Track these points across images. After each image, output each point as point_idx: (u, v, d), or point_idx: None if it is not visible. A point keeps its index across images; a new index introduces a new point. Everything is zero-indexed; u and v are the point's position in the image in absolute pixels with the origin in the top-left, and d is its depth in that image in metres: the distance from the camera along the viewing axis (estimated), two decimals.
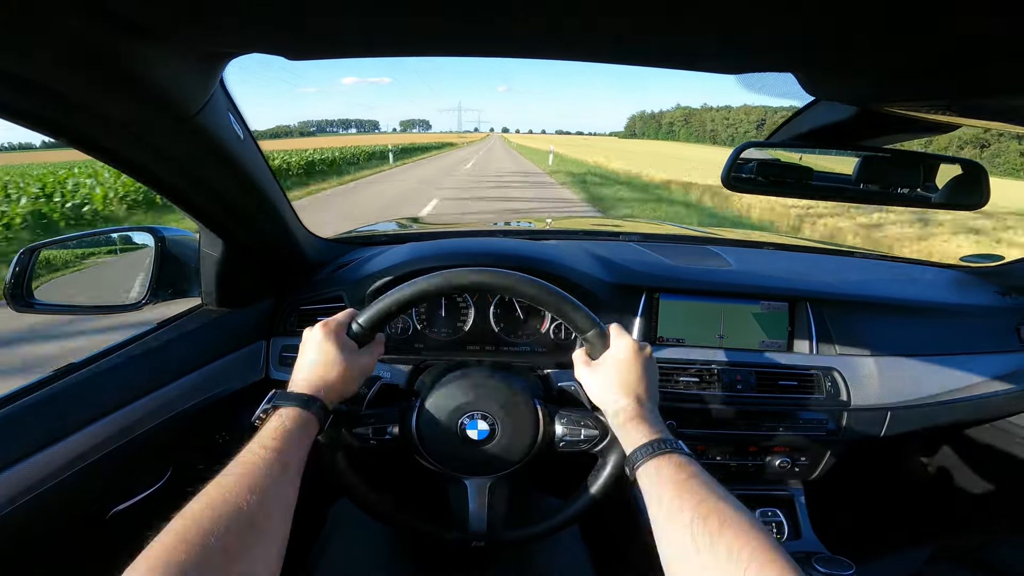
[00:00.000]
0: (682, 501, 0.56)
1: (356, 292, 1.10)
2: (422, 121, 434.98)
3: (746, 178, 0.95)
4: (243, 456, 0.57)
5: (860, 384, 1.11)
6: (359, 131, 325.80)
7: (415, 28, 0.49)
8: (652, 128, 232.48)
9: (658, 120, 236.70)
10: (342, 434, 0.76)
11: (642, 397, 0.71)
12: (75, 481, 0.72)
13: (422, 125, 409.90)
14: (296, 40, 0.53)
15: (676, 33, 0.49)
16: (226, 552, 0.47)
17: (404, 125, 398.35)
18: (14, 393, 0.72)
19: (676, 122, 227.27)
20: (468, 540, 0.80)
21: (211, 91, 0.63)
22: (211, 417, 1.00)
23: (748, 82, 0.65)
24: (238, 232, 0.93)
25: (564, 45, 0.55)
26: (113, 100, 0.56)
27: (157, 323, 0.96)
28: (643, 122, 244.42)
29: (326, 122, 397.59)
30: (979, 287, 1.36)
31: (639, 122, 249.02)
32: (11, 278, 0.88)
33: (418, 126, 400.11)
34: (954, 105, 0.62)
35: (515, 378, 0.82)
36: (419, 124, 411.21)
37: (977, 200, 0.89)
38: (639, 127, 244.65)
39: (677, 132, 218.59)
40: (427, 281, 0.76)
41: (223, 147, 0.73)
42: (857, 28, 0.44)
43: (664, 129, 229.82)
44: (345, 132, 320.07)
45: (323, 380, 0.69)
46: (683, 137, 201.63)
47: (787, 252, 1.53)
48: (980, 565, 0.96)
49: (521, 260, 1.09)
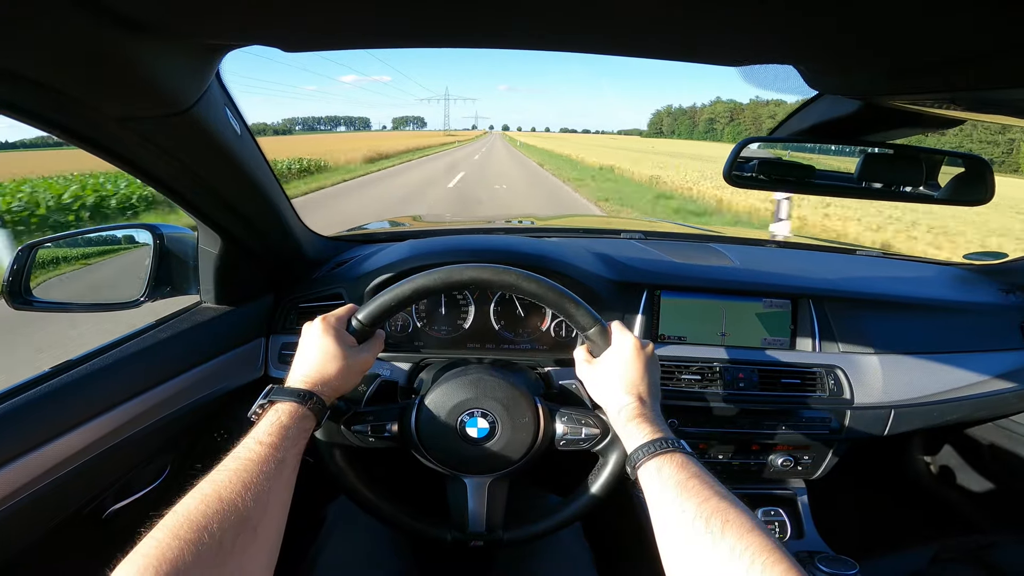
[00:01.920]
0: (684, 501, 0.55)
1: (355, 289, 1.09)
2: (416, 118, 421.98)
3: (748, 175, 0.94)
4: (238, 452, 0.57)
5: (863, 382, 1.11)
6: (349, 129, 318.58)
7: (414, 19, 0.48)
8: (685, 125, 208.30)
9: (693, 116, 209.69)
10: (340, 431, 0.76)
11: (644, 395, 0.71)
12: (72, 479, 0.72)
13: (416, 123, 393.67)
14: (292, 32, 0.53)
15: (677, 24, 0.49)
16: (219, 548, 0.46)
17: (397, 123, 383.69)
18: (11, 390, 0.71)
19: (719, 118, 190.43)
20: (467, 541, 0.80)
21: (206, 85, 0.63)
22: (209, 415, 1.00)
23: (750, 75, 0.64)
24: (236, 229, 0.93)
25: (564, 37, 0.54)
26: (106, 94, 0.55)
27: (155, 320, 0.96)
28: (672, 118, 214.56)
29: (313, 119, 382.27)
30: (982, 285, 1.35)
31: (667, 118, 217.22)
32: (9, 275, 0.87)
33: (412, 123, 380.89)
34: (959, 99, 0.61)
35: (515, 375, 0.82)
36: (413, 121, 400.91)
37: (981, 196, 0.88)
38: (667, 124, 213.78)
39: (720, 131, 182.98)
40: (427, 277, 0.75)
41: (219, 142, 0.72)
42: (860, 19, 0.44)
43: (702, 127, 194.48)
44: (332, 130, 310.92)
45: (321, 375, 0.69)
46: (728, 137, 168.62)
47: (789, 249, 1.52)
48: (983, 565, 0.96)
49: (522, 257, 1.08)
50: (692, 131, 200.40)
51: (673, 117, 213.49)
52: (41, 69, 0.49)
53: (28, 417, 0.69)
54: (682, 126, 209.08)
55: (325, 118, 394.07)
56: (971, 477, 1.46)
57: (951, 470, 1.51)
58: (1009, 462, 1.32)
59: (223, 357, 0.98)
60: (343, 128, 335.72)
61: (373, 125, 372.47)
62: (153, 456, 0.90)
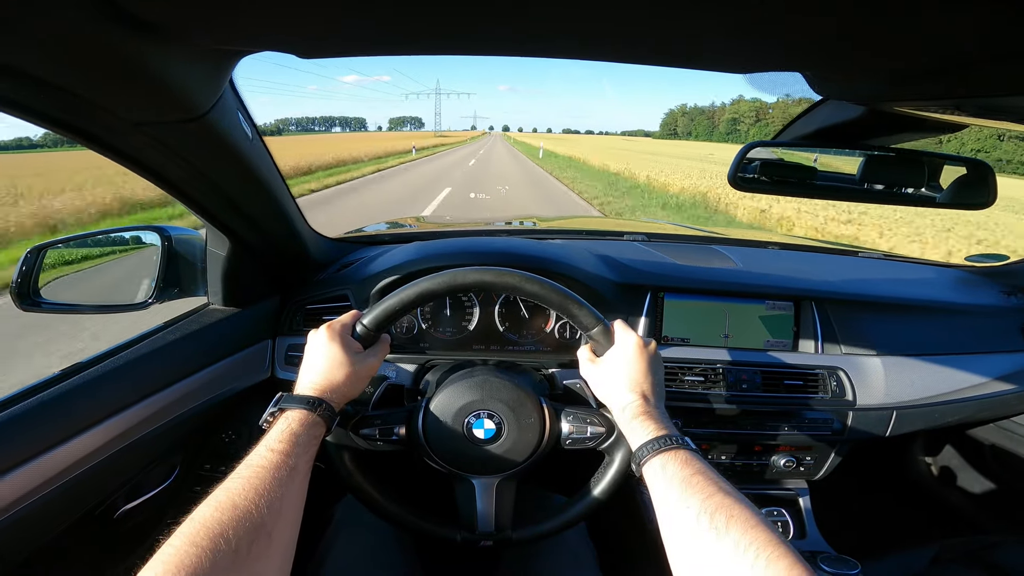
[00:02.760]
0: (688, 497, 0.56)
1: (361, 291, 1.10)
2: (413, 119, 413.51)
3: (751, 178, 0.95)
4: (250, 459, 0.58)
5: (865, 384, 1.11)
6: (345, 130, 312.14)
7: (430, 25, 0.49)
8: (703, 126, 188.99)
9: (711, 116, 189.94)
10: (349, 435, 0.76)
11: (648, 393, 0.71)
12: (83, 481, 0.73)
13: (414, 123, 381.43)
14: (307, 38, 0.53)
15: (683, 31, 0.49)
16: (235, 554, 0.47)
17: (394, 123, 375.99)
18: (22, 393, 0.72)
19: (743, 118, 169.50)
20: (476, 540, 0.80)
21: (221, 91, 0.63)
22: (217, 416, 1.00)
23: (756, 82, 0.64)
24: (245, 231, 0.93)
25: (570, 44, 0.55)
26: (122, 99, 0.56)
27: (163, 322, 0.96)
28: (688, 118, 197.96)
29: (307, 120, 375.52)
30: (984, 287, 1.35)
31: (681, 118, 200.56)
32: (18, 277, 0.88)
33: (409, 124, 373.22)
34: (964, 104, 0.62)
35: (521, 376, 0.82)
36: (411, 122, 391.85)
37: (984, 199, 0.89)
38: (681, 125, 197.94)
39: (744, 132, 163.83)
40: (430, 280, 0.76)
41: (232, 147, 0.73)
42: (866, 26, 0.44)
43: (723, 128, 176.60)
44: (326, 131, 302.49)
45: (329, 382, 0.70)
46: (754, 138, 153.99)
47: (792, 252, 1.52)
48: (985, 565, 0.96)
49: (526, 259, 1.09)
50: (712, 132, 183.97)
51: (689, 117, 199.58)
52: (59, 73, 0.50)
53: (41, 420, 0.69)
54: (700, 127, 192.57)
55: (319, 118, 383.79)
56: (973, 478, 1.46)
57: (952, 471, 1.51)
58: (1010, 463, 1.33)
59: (231, 359, 0.99)
60: (338, 129, 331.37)
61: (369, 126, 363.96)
62: (163, 457, 0.91)
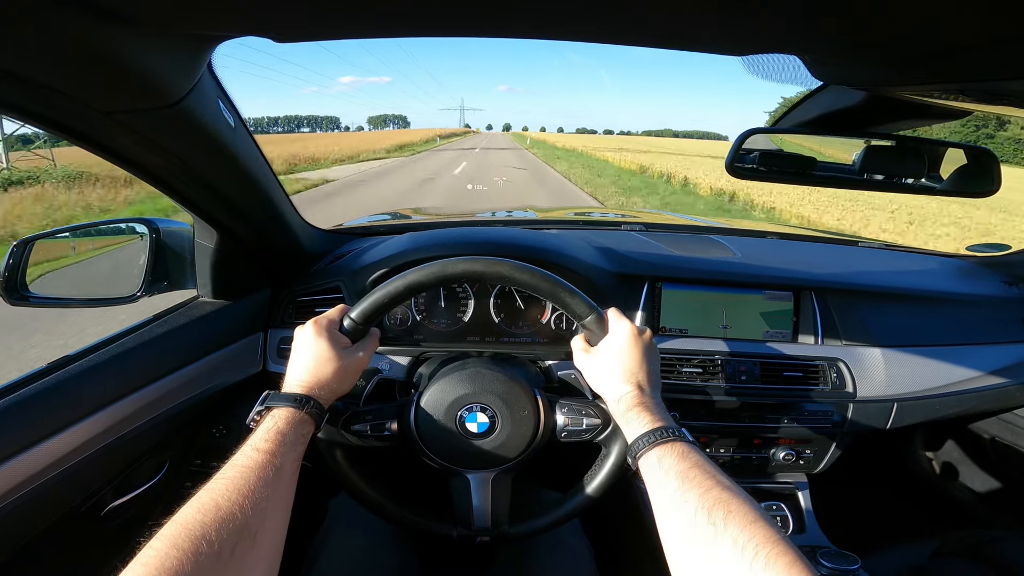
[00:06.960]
0: (686, 491, 0.54)
1: (354, 282, 1.08)
2: (397, 117, 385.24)
3: (749, 167, 0.93)
4: (235, 459, 0.56)
5: (866, 375, 1.10)
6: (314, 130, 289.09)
7: (408, 5, 0.47)
8: None
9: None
10: (340, 432, 0.75)
11: (643, 383, 0.70)
12: (70, 476, 0.72)
13: (397, 121, 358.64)
14: (283, 21, 0.51)
15: (678, 12, 0.48)
16: (218, 557, 0.46)
17: (374, 123, 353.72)
18: (6, 387, 0.71)
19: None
20: (473, 536, 0.79)
21: (196, 77, 0.61)
22: (208, 411, 0.99)
23: (753, 65, 0.63)
24: (232, 223, 0.91)
25: (562, 24, 0.53)
26: (92, 88, 0.54)
27: (152, 316, 0.95)
28: None
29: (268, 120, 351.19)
30: (985, 277, 1.34)
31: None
32: (5, 271, 0.87)
33: (392, 123, 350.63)
34: (967, 89, 0.60)
35: (515, 368, 0.81)
36: (394, 120, 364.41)
37: (988, 187, 0.87)
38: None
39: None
40: (419, 272, 0.74)
41: (212, 135, 0.71)
42: (864, 7, 0.43)
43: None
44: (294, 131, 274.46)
45: (317, 378, 0.68)
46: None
47: (791, 242, 1.51)
48: (986, 559, 0.95)
49: (522, 249, 1.07)
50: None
51: None
52: (25, 63, 0.48)
53: (25, 414, 0.68)
54: None
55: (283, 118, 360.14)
56: (974, 471, 1.45)
57: (953, 464, 1.50)
58: (1012, 456, 1.32)
59: (221, 352, 0.97)
60: (306, 129, 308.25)
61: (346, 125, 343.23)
62: (151, 452, 0.90)
